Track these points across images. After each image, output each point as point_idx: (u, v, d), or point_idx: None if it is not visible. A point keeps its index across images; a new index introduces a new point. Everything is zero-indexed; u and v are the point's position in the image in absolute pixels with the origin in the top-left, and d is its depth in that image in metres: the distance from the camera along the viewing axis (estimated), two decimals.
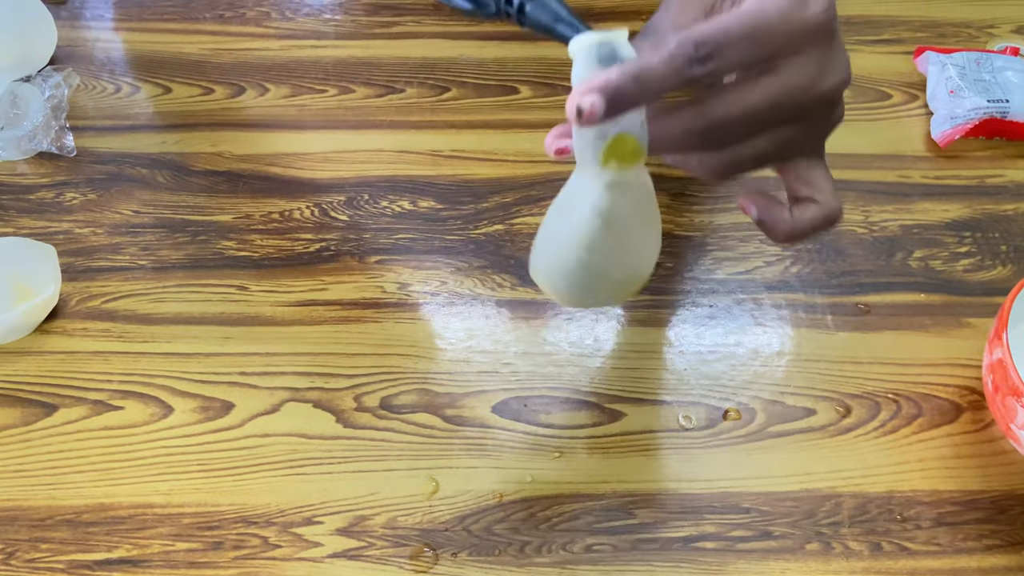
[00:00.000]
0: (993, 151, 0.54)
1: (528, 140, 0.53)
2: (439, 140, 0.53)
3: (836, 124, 0.33)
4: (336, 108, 0.54)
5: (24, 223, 0.47)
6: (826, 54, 0.30)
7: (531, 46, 0.57)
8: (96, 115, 0.51)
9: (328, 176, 0.51)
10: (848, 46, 0.59)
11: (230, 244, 0.48)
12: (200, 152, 0.51)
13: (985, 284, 0.48)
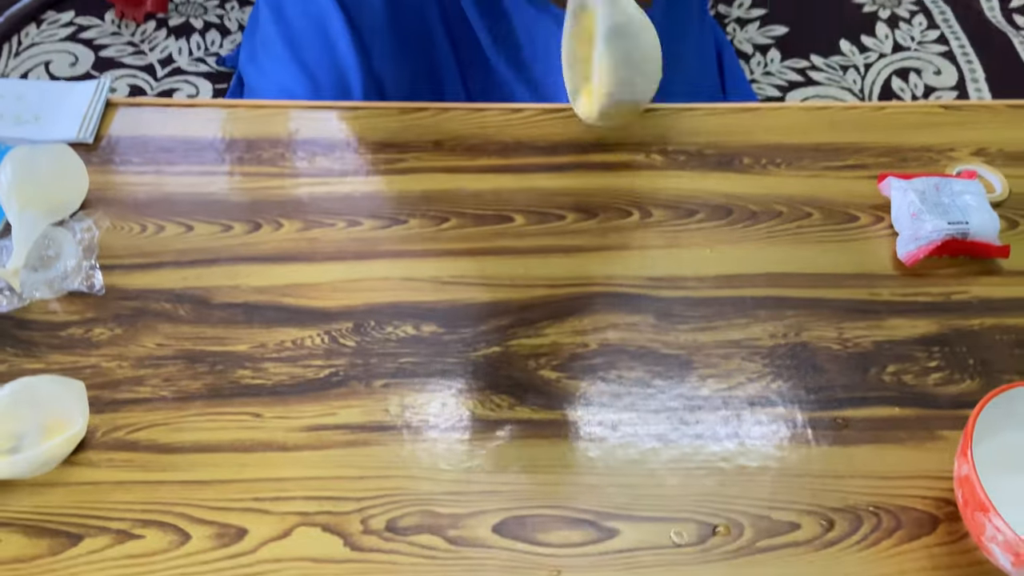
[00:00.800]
0: (957, 269, 0.56)
1: (522, 265, 0.55)
2: (440, 267, 0.55)
3: None
4: (345, 240, 0.56)
5: (55, 359, 0.49)
6: None
7: (524, 178, 0.60)
8: (124, 254, 0.54)
9: (337, 304, 0.53)
10: (816, 172, 0.62)
11: (246, 373, 0.49)
12: (219, 286, 0.53)
13: (955, 397, 0.50)
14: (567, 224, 0.57)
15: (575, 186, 0.59)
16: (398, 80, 0.73)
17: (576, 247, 0.56)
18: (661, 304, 0.54)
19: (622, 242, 0.57)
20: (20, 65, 0.90)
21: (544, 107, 0.64)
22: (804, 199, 0.60)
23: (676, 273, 0.55)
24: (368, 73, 0.71)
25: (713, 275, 0.55)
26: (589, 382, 0.50)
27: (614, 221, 0.58)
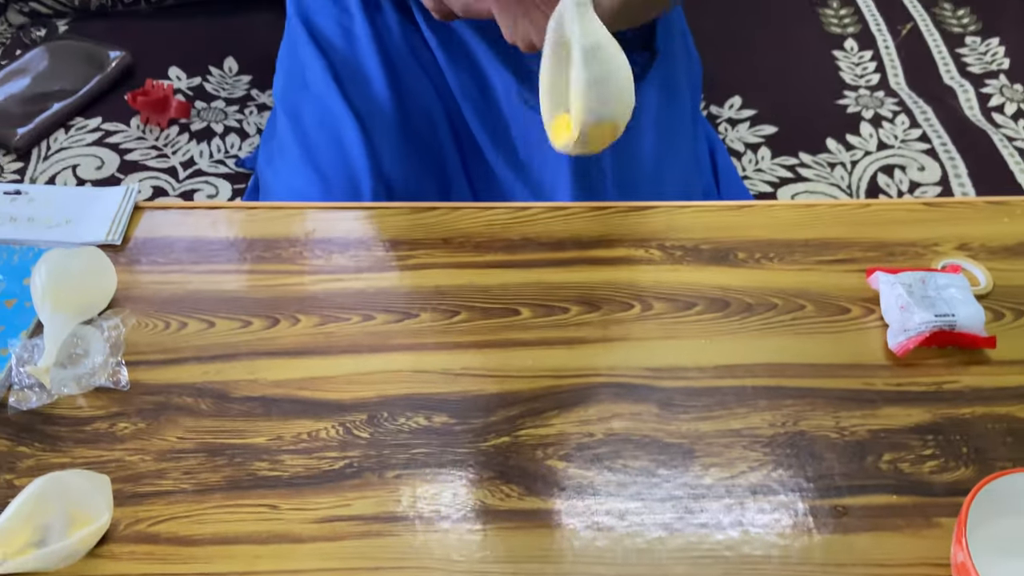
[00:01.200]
0: (947, 359, 0.57)
1: (530, 357, 0.57)
2: (450, 359, 0.57)
3: None
4: (359, 334, 0.58)
5: (80, 453, 0.50)
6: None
7: (529, 272, 0.62)
8: (148, 350, 0.56)
9: (352, 397, 0.54)
10: (808, 266, 0.65)
11: (263, 465, 0.51)
12: (239, 380, 0.55)
13: (950, 485, 0.50)
14: (571, 317, 0.59)
15: (578, 280, 0.61)
16: (406, 181, 0.76)
17: (580, 339, 0.58)
18: (663, 394, 0.55)
19: (624, 334, 0.59)
20: (49, 168, 0.93)
21: (548, 205, 0.67)
22: (797, 292, 0.62)
23: (677, 364, 0.57)
24: (378, 176, 0.74)
25: (713, 365, 0.57)
26: (596, 472, 0.51)
27: (616, 313, 0.59)
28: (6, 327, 0.56)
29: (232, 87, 1.07)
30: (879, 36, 1.19)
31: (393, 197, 0.73)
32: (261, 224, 0.66)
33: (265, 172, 0.84)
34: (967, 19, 1.22)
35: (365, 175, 0.73)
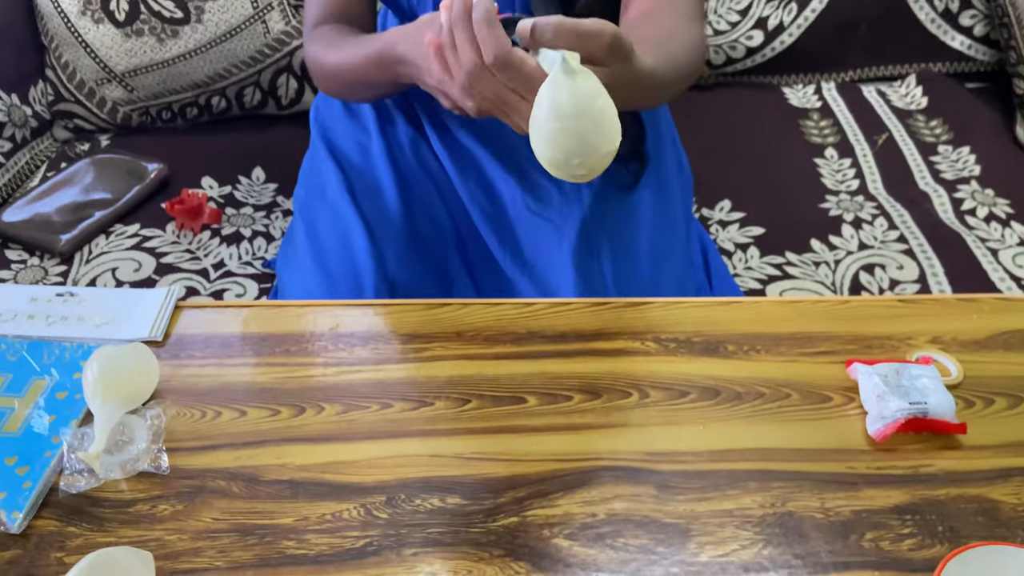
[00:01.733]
0: (923, 444, 0.61)
1: (536, 442, 0.61)
2: (463, 444, 0.61)
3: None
4: (378, 421, 0.62)
5: (124, 532, 0.53)
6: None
7: (535, 363, 0.66)
8: (186, 437, 0.60)
9: (372, 480, 0.58)
10: (793, 358, 0.69)
11: (290, 544, 0.54)
12: (268, 464, 0.58)
13: (927, 561, 0.53)
14: (574, 404, 0.63)
15: (580, 370, 0.66)
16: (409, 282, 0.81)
17: (583, 425, 0.62)
18: (661, 477, 0.58)
19: (623, 420, 0.62)
20: (90, 271, 0.99)
21: (551, 301, 0.72)
22: (783, 382, 0.66)
23: (673, 448, 0.61)
24: (381, 276, 0.79)
25: (706, 450, 0.60)
26: (599, 550, 0.54)
27: (616, 401, 0.63)
28: (57, 417, 0.60)
29: (259, 194, 1.14)
30: (857, 145, 1.26)
31: (395, 296, 0.78)
32: (288, 320, 0.70)
33: (282, 273, 0.89)
34: (939, 129, 1.29)
35: (369, 276, 0.79)
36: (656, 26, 0.75)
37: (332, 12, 0.85)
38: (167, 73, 1.19)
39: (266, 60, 1.22)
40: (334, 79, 0.83)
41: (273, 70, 1.23)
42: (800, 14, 1.35)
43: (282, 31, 1.22)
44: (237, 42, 1.20)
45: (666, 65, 0.69)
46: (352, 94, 0.87)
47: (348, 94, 0.87)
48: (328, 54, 0.82)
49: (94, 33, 1.16)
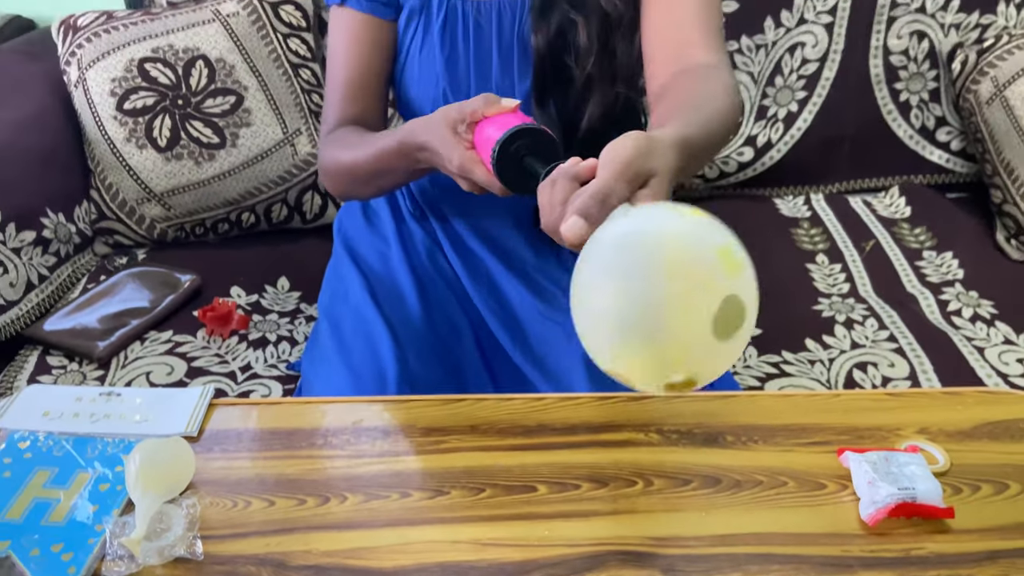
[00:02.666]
0: (914, 528, 0.63)
1: (547, 528, 0.63)
2: (478, 531, 0.63)
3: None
4: (398, 509, 0.65)
5: None
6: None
7: (545, 454, 0.69)
8: (219, 525, 0.63)
9: (393, 565, 0.60)
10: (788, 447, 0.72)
11: None
12: (295, 551, 0.61)
13: None
14: (583, 492, 0.66)
15: (588, 460, 0.69)
16: (429, 378, 0.85)
17: (591, 511, 0.64)
18: (666, 560, 0.61)
19: (630, 507, 0.65)
20: (126, 375, 1.03)
21: (561, 396, 0.76)
22: (779, 470, 0.68)
23: (677, 533, 0.63)
24: (404, 374, 0.83)
25: (708, 535, 0.63)
26: None
27: (622, 489, 0.66)
28: (100, 507, 0.63)
29: (284, 302, 1.20)
30: (846, 251, 1.32)
31: (416, 391, 0.82)
32: (314, 416, 0.74)
33: (308, 373, 0.94)
34: (923, 236, 1.35)
35: (392, 372, 0.83)
36: (678, 95, 0.76)
37: (348, 118, 0.92)
38: (202, 192, 1.27)
39: (293, 179, 1.31)
40: (348, 174, 0.89)
41: (299, 188, 1.31)
42: (787, 132, 1.44)
43: (309, 153, 1.30)
44: (267, 163, 1.29)
45: (699, 129, 0.68)
46: (364, 186, 0.91)
47: (360, 187, 0.92)
48: (345, 152, 0.88)
49: (137, 157, 1.25)
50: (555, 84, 0.88)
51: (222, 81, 1.26)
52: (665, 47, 0.83)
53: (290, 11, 1.32)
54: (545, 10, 0.86)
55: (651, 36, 0.85)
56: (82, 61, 1.26)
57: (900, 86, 1.43)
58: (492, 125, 0.71)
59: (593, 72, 0.87)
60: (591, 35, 0.85)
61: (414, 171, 0.82)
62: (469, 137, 0.73)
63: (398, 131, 0.81)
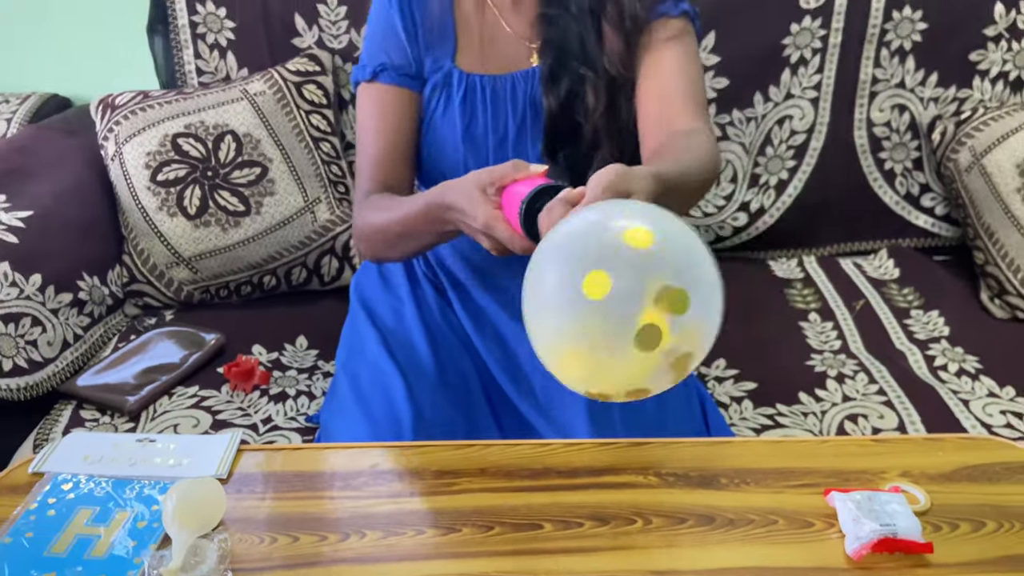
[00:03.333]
0: (896, 563, 0.67)
1: (552, 562, 0.67)
2: (488, 565, 0.67)
3: None
4: (413, 546, 0.69)
5: None
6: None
7: (551, 495, 0.73)
8: (247, 559, 0.67)
9: None
10: (778, 489, 0.76)
11: None
12: None
13: None
14: (586, 530, 0.70)
15: (591, 501, 0.73)
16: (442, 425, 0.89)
17: (594, 548, 0.68)
18: None
19: (630, 544, 0.69)
20: (155, 427, 1.08)
21: (565, 442, 0.80)
22: (770, 510, 0.72)
23: (675, 568, 0.67)
24: (418, 421, 0.88)
25: (705, 569, 0.67)
26: None
27: (622, 527, 0.70)
28: (138, 542, 0.67)
29: (303, 359, 1.25)
30: (837, 311, 1.37)
31: (430, 438, 0.87)
32: (334, 460, 0.79)
33: (328, 423, 0.98)
34: (911, 296, 1.40)
35: (407, 420, 0.87)
36: (663, 150, 0.87)
37: (380, 185, 0.98)
38: (228, 257, 1.34)
39: (312, 244, 1.37)
40: (380, 235, 0.94)
41: (318, 252, 1.38)
42: (778, 198, 1.50)
43: (328, 219, 1.37)
44: (289, 230, 1.35)
45: (675, 167, 0.78)
46: (393, 248, 0.96)
47: (390, 248, 0.96)
48: (378, 214, 0.94)
49: (168, 224, 1.32)
50: (565, 139, 0.95)
51: (248, 154, 1.34)
52: (656, 115, 0.92)
53: (312, 90, 1.41)
54: (555, 76, 0.95)
55: (644, 105, 0.94)
56: (119, 136, 1.34)
57: (884, 155, 1.50)
58: (520, 186, 0.76)
59: (600, 127, 0.94)
60: (599, 94, 0.93)
61: (440, 233, 0.87)
62: (497, 199, 0.78)
63: (427, 193, 0.87)
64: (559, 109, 0.95)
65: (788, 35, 1.43)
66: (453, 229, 0.84)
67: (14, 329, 1.11)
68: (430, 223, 0.86)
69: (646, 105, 0.94)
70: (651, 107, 0.93)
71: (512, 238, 0.75)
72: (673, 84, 0.93)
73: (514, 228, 0.75)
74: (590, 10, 0.95)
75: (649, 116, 0.94)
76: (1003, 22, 1.44)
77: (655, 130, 0.92)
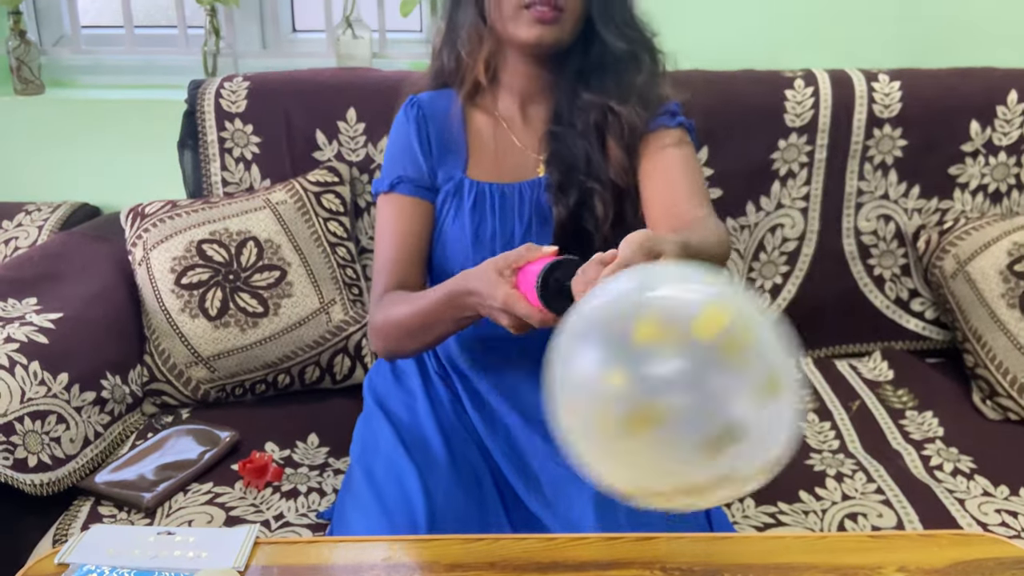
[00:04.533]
0: None
1: None
2: None
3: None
4: None
5: None
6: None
7: None
8: None
9: None
10: None
11: None
12: None
13: None
14: None
15: None
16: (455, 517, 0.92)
17: None
18: None
19: None
20: (170, 523, 1.10)
21: (571, 536, 0.82)
22: None
23: None
24: (432, 514, 0.90)
25: None
26: None
27: None
28: None
29: (314, 456, 1.27)
30: (835, 411, 1.40)
31: (444, 530, 0.89)
32: (348, 553, 0.81)
33: (343, 516, 1.00)
34: (905, 397, 1.44)
35: (422, 512, 0.90)
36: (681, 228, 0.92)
37: (395, 286, 1.04)
38: (244, 356, 1.38)
39: (327, 343, 1.42)
40: (399, 328, 1.00)
41: (332, 351, 1.42)
42: (774, 302, 1.56)
43: (342, 320, 1.43)
44: (304, 330, 1.40)
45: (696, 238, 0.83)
46: (412, 340, 1.01)
47: (408, 340, 1.01)
48: (397, 308, 1.00)
49: (189, 325, 1.37)
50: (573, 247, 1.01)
51: (269, 258, 1.41)
52: (663, 210, 0.99)
53: (331, 198, 1.49)
54: (565, 186, 1.02)
55: (651, 204, 1.01)
56: (147, 243, 1.41)
57: (873, 262, 1.56)
58: (534, 265, 0.83)
59: (609, 237, 1.00)
60: (607, 205, 1.00)
61: (460, 319, 0.93)
62: (513, 280, 0.84)
63: (447, 283, 0.93)
64: (568, 218, 1.01)
65: (776, 150, 1.51)
66: (472, 315, 0.89)
67: (40, 426, 1.14)
68: (451, 310, 0.92)
69: (652, 203, 1.01)
70: (658, 204, 1.00)
71: (531, 312, 0.81)
72: (677, 181, 1.00)
73: (532, 303, 0.80)
74: (595, 126, 1.03)
75: (656, 212, 1.00)
76: (979, 139, 1.53)
77: (663, 223, 0.98)
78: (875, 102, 1.51)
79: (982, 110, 1.51)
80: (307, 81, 1.54)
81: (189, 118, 1.54)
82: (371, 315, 1.05)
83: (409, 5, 1.73)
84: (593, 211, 1.01)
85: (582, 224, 1.02)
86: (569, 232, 1.02)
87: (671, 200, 0.99)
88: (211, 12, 1.77)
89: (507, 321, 0.84)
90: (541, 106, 1.08)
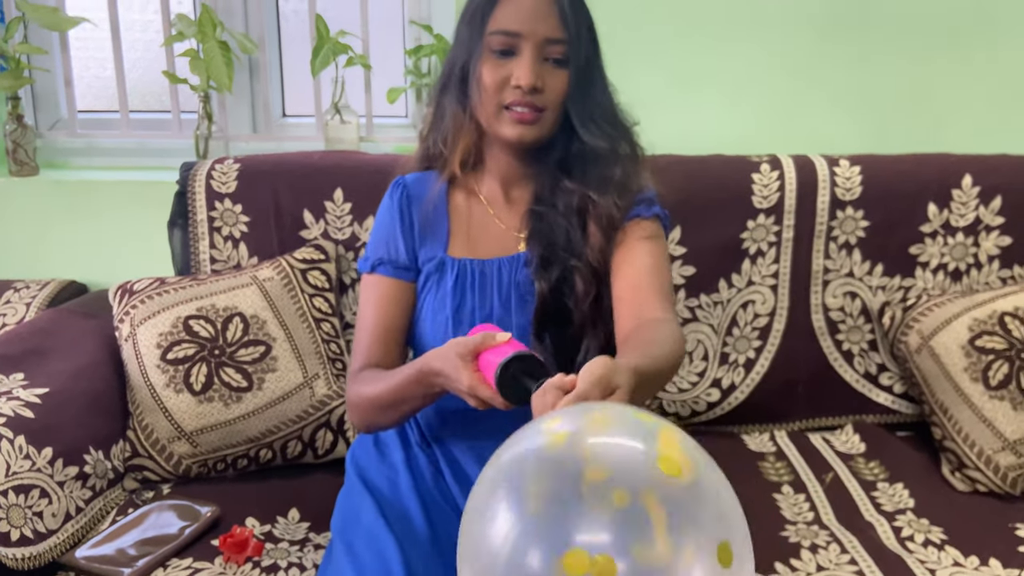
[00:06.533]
0: None
1: None
2: None
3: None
4: None
5: None
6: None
7: None
8: None
9: None
10: None
11: None
12: None
13: None
14: None
15: None
16: None
17: None
18: None
19: None
20: None
21: None
22: None
23: None
24: None
25: None
26: None
27: None
28: None
29: (294, 532, 1.27)
30: (809, 483, 1.42)
31: None
32: None
33: None
34: (877, 470, 1.46)
35: None
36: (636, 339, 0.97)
37: (373, 362, 1.09)
38: (228, 431, 1.39)
39: (309, 418, 1.43)
40: (372, 405, 1.05)
41: (314, 426, 1.44)
42: (747, 376, 1.60)
43: (325, 394, 1.45)
44: (287, 404, 1.42)
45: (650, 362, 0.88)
46: (384, 415, 1.06)
47: (381, 415, 1.07)
48: (369, 386, 1.04)
49: (174, 400, 1.39)
50: (554, 322, 1.06)
51: (254, 334, 1.44)
52: (629, 303, 1.03)
53: (316, 275, 1.53)
54: (546, 264, 1.07)
55: (619, 293, 1.05)
56: (135, 319, 1.43)
57: (841, 337, 1.62)
58: (492, 354, 0.90)
59: (587, 313, 1.05)
60: (587, 283, 1.05)
61: (429, 395, 0.98)
62: (474, 364, 0.90)
63: (416, 362, 0.98)
64: (550, 294, 1.06)
65: (746, 230, 1.58)
66: (440, 391, 0.94)
67: (24, 500, 1.15)
68: (420, 387, 0.98)
69: (620, 293, 1.06)
70: (625, 296, 1.05)
71: (494, 397, 0.88)
72: (645, 277, 1.05)
73: (493, 390, 0.86)
74: (577, 209, 1.08)
75: (623, 303, 1.05)
76: (937, 220, 1.60)
77: (628, 316, 1.02)
78: (837, 185, 1.58)
79: (939, 193, 1.59)
80: (296, 162, 1.60)
81: (180, 198, 1.59)
82: (347, 390, 1.09)
83: (395, 93, 1.82)
84: (573, 288, 1.06)
85: (563, 300, 1.06)
86: (550, 308, 1.06)
87: (636, 298, 1.04)
88: (204, 98, 1.84)
89: (473, 402, 0.91)
90: (524, 189, 1.14)
